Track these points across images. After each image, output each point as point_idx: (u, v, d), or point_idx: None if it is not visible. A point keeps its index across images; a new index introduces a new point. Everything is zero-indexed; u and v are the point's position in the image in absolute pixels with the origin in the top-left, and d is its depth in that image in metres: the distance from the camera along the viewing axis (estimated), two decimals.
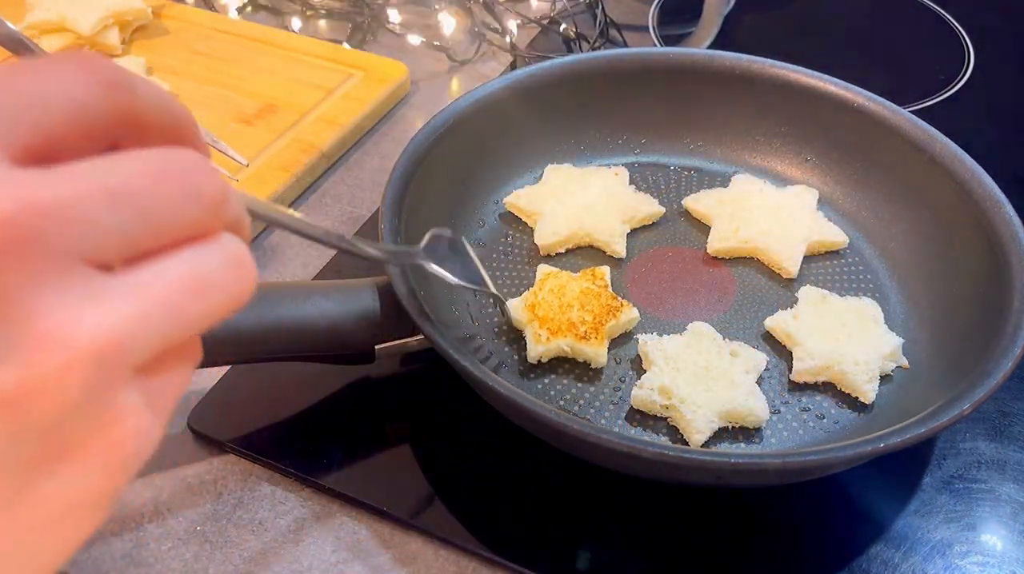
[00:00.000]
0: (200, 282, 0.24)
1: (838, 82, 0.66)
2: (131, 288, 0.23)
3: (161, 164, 0.24)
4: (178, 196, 0.24)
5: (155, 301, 0.23)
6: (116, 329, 0.22)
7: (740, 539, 0.51)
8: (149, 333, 0.23)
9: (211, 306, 0.25)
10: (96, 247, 0.22)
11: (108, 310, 0.22)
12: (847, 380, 0.54)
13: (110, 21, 0.80)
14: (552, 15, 0.92)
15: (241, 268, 0.26)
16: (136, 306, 0.23)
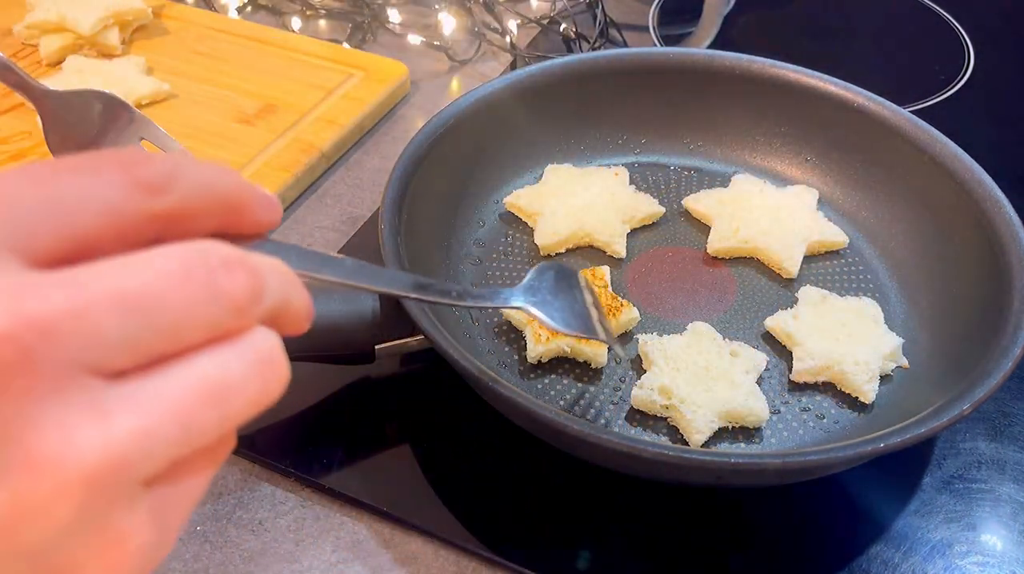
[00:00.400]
0: (219, 388, 0.23)
1: (838, 82, 0.66)
2: (137, 400, 0.21)
3: (184, 264, 0.22)
4: (200, 298, 0.22)
5: (164, 413, 0.22)
6: (115, 447, 0.21)
7: (740, 539, 0.51)
8: (157, 447, 0.22)
9: (231, 412, 0.23)
10: (101, 358, 0.21)
11: (108, 426, 0.21)
12: (847, 380, 0.54)
13: (110, 21, 0.80)
14: (552, 15, 0.92)
15: (270, 367, 0.24)
16: (141, 420, 0.21)
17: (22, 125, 0.73)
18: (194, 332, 0.23)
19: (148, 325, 0.22)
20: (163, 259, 0.22)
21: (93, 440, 0.20)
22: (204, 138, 0.73)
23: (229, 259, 0.23)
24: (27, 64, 0.79)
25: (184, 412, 0.22)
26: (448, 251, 0.62)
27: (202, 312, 0.22)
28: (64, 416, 0.20)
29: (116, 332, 0.21)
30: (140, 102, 0.75)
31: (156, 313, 0.22)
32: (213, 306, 0.23)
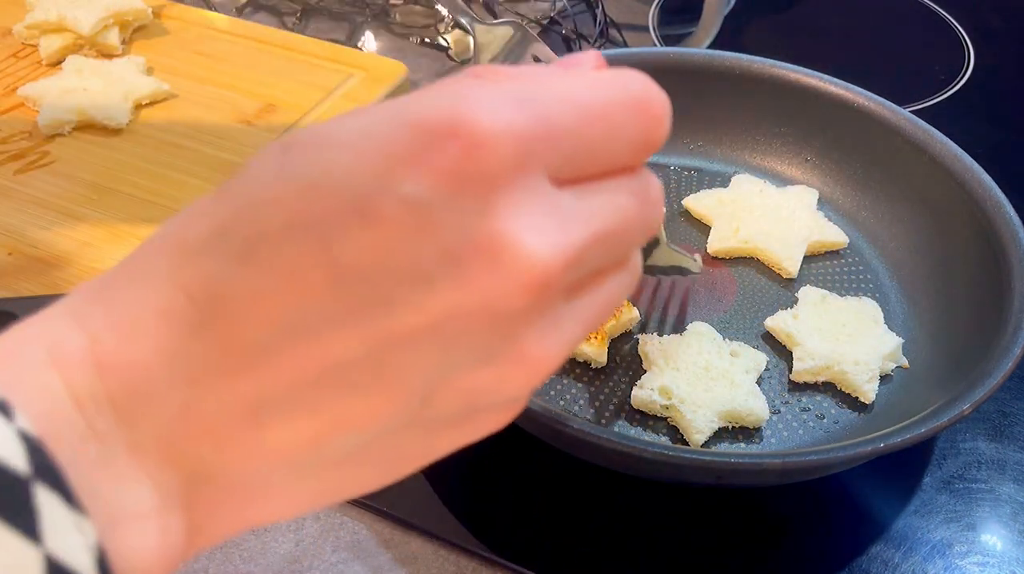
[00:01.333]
0: (637, 213, 0.26)
1: (838, 82, 0.66)
2: (584, 213, 0.24)
3: (635, 96, 0.26)
4: (635, 130, 0.26)
5: (589, 325, 0.26)
6: (563, 354, 0.25)
7: (740, 539, 0.51)
8: (591, 259, 0.25)
9: (636, 238, 0.27)
10: (562, 166, 0.24)
11: (565, 337, 0.25)
12: (847, 380, 0.54)
13: (110, 21, 0.80)
14: (552, 15, 0.92)
15: (658, 206, 0.27)
16: (581, 332, 0.25)
17: (22, 125, 0.73)
18: (622, 159, 0.26)
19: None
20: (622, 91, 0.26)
21: (554, 347, 0.24)
22: (204, 138, 0.73)
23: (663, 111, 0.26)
24: (27, 64, 0.79)
25: (615, 230, 0.25)
26: None
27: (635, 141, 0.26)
28: (545, 329, 0.24)
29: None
30: (140, 102, 0.75)
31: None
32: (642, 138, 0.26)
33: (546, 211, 0.23)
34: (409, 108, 0.23)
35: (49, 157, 0.70)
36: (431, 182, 0.22)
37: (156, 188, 0.68)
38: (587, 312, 0.26)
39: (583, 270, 0.25)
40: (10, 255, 0.61)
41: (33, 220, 0.64)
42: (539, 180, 0.23)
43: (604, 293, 0.26)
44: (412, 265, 0.22)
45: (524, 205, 0.23)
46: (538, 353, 0.24)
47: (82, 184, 0.67)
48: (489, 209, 0.22)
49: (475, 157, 0.22)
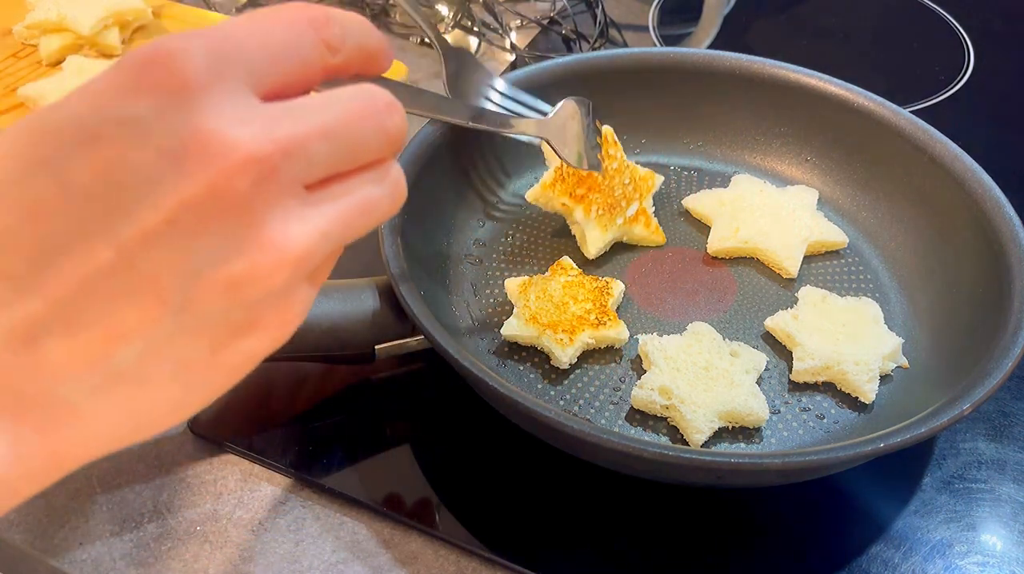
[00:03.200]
0: (371, 204, 0.30)
1: (838, 82, 0.66)
2: (326, 209, 0.29)
3: (361, 104, 0.30)
4: (371, 133, 0.30)
5: (339, 219, 0.29)
6: (313, 242, 0.28)
7: (740, 539, 0.51)
8: (330, 244, 0.29)
9: (371, 223, 0.31)
10: (310, 175, 0.28)
11: (310, 226, 0.28)
12: (847, 380, 0.54)
13: (110, 21, 0.80)
14: (552, 15, 0.92)
15: (398, 190, 0.32)
16: (327, 224, 0.29)
17: None
18: (364, 158, 0.30)
19: (341, 151, 0.29)
20: (349, 100, 0.30)
21: (299, 233, 0.28)
22: None
23: (390, 102, 0.31)
24: (27, 64, 0.79)
25: (351, 219, 0.30)
26: (448, 251, 0.62)
27: (373, 142, 0.30)
28: (288, 216, 0.28)
29: (323, 155, 0.28)
30: None
31: (345, 142, 0.29)
32: (380, 138, 0.30)
33: (248, 108, 0.27)
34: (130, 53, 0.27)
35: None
36: (138, 99, 0.26)
37: None
38: (334, 208, 0.29)
39: (311, 163, 0.28)
40: None
41: None
42: (238, 87, 0.27)
43: (351, 193, 0.30)
44: (137, 171, 0.26)
45: (226, 104, 0.26)
46: (281, 238, 0.27)
47: None
48: (195, 110, 0.26)
49: (172, 70, 0.26)
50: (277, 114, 0.28)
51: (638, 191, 0.63)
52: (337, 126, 0.29)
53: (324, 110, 0.29)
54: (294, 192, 0.28)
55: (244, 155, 0.26)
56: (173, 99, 0.26)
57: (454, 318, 0.58)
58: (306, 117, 0.28)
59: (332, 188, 0.29)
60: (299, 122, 0.28)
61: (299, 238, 0.28)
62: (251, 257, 0.27)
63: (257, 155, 0.26)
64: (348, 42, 0.31)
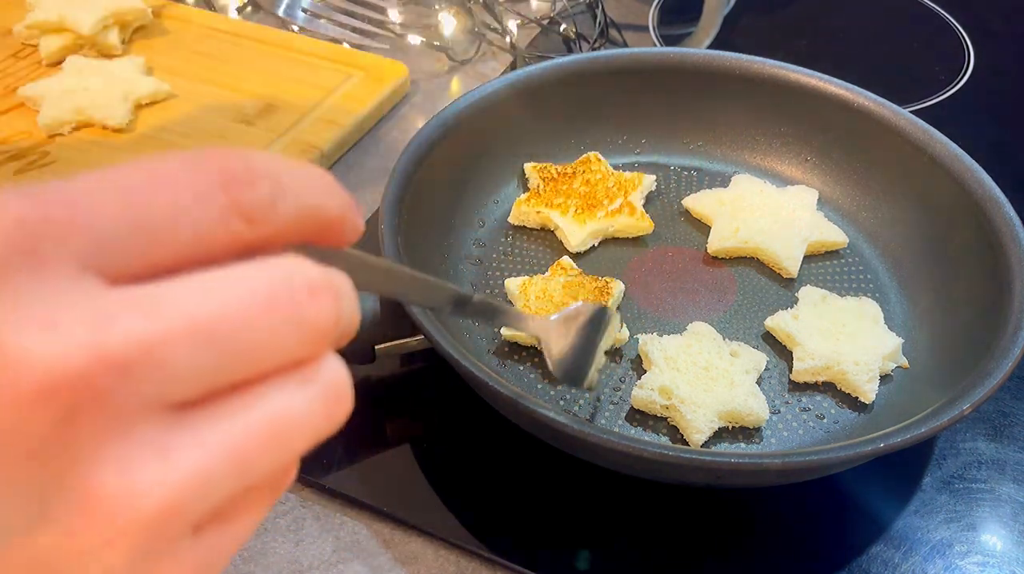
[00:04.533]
0: (284, 426, 0.21)
1: (838, 82, 0.66)
2: (199, 439, 0.20)
3: (269, 289, 0.20)
4: (281, 327, 0.20)
5: (227, 452, 0.20)
6: (177, 490, 0.19)
7: (740, 539, 0.51)
8: (214, 489, 0.20)
9: (291, 452, 0.21)
10: (171, 392, 0.19)
11: (172, 467, 0.19)
12: (847, 380, 0.54)
13: (110, 21, 0.80)
14: (552, 15, 0.92)
15: (336, 401, 0.22)
16: (205, 459, 0.20)
17: (22, 125, 0.73)
18: (269, 361, 0.21)
19: (224, 356, 0.20)
20: (246, 283, 0.20)
21: (152, 484, 0.19)
22: (204, 138, 0.73)
23: (315, 284, 0.21)
24: (27, 64, 0.79)
25: (248, 451, 0.20)
26: (448, 251, 0.62)
27: (281, 341, 0.21)
28: (126, 456, 0.19)
29: (191, 365, 0.19)
30: (140, 102, 0.75)
31: (234, 344, 0.20)
32: (294, 335, 0.21)
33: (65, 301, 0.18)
34: None
35: (49, 157, 0.70)
36: None
37: None
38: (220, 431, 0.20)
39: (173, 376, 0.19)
40: None
41: None
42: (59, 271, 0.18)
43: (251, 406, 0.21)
44: None
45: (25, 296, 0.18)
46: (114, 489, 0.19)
47: None
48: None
49: None
50: (118, 306, 0.19)
51: (622, 190, 0.64)
52: (219, 320, 0.19)
53: (203, 295, 0.20)
54: (141, 419, 0.19)
55: (39, 377, 0.17)
56: None
57: (454, 318, 0.58)
58: (168, 310, 0.19)
59: (222, 403, 0.20)
60: (151, 317, 0.19)
61: (150, 487, 0.19)
62: (65, 523, 0.18)
63: (61, 375, 0.17)
64: (283, 206, 0.21)
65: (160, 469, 0.19)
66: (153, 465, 0.19)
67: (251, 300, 0.20)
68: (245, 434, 0.20)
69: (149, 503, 0.19)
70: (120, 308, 0.19)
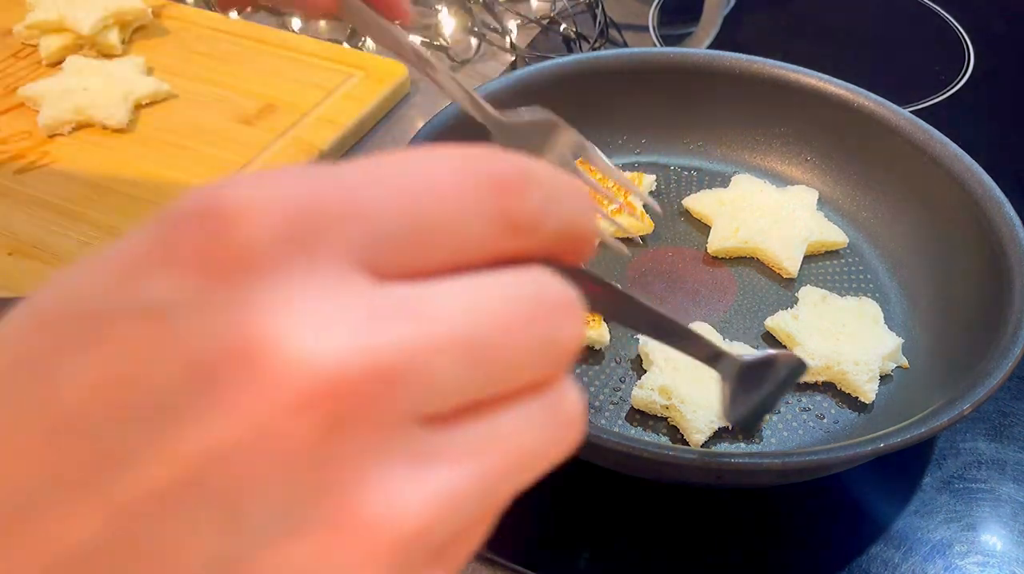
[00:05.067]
0: (530, 453, 0.20)
1: (838, 82, 0.66)
2: (455, 456, 0.18)
3: (526, 301, 0.19)
4: (536, 344, 0.19)
5: (478, 474, 0.19)
6: (434, 512, 0.18)
7: (740, 539, 0.51)
8: (462, 514, 0.19)
9: (527, 479, 0.20)
10: (428, 405, 0.18)
11: (430, 487, 0.18)
12: (847, 380, 0.54)
13: (110, 21, 0.80)
14: (552, 15, 0.92)
15: (572, 431, 0.21)
16: (457, 482, 0.18)
17: (22, 125, 0.73)
18: (519, 379, 0.19)
19: (481, 370, 0.19)
20: (507, 295, 0.19)
21: (411, 504, 0.17)
22: (204, 138, 0.73)
23: (566, 302, 0.20)
24: (27, 64, 0.79)
25: (495, 474, 0.19)
26: None
27: (534, 359, 0.19)
28: (386, 473, 0.17)
29: (452, 377, 0.18)
30: (140, 102, 0.75)
31: (493, 358, 0.19)
32: (545, 353, 0.20)
33: (340, 300, 0.17)
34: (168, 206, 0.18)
35: (49, 157, 0.70)
36: (172, 278, 0.17)
37: (156, 188, 0.68)
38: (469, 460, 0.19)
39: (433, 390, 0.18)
40: (10, 255, 0.61)
41: (33, 220, 0.64)
42: (333, 266, 0.17)
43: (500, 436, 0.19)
44: (150, 394, 0.16)
45: (300, 294, 0.17)
46: (375, 511, 0.17)
47: (82, 184, 0.67)
48: (247, 302, 0.16)
49: (223, 234, 0.17)
50: (388, 309, 0.18)
51: (622, 190, 0.64)
52: (482, 332, 0.18)
53: (468, 303, 0.18)
54: (402, 433, 0.18)
55: (312, 382, 0.16)
56: (219, 279, 0.17)
57: None
58: (438, 314, 0.18)
59: (471, 420, 0.19)
60: (421, 323, 0.18)
61: (411, 509, 0.17)
62: (322, 540, 0.17)
63: (330, 383, 0.16)
64: (549, 220, 0.20)
65: (418, 489, 0.18)
66: (411, 484, 0.18)
67: (512, 313, 0.19)
68: (496, 456, 0.19)
69: (408, 525, 0.17)
70: (390, 312, 0.18)
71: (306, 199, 0.17)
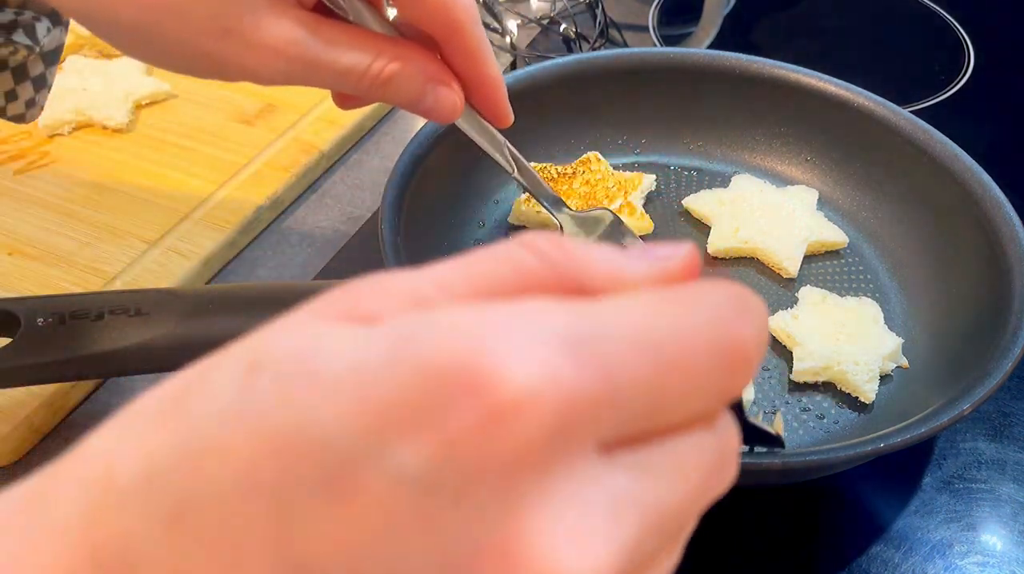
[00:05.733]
0: (703, 490, 0.19)
1: (838, 82, 0.66)
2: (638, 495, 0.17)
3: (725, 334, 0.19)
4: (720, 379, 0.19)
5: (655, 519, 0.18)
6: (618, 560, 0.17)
7: (740, 539, 0.51)
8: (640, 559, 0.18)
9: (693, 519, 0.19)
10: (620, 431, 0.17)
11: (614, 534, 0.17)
12: (847, 380, 0.54)
13: None
14: (552, 15, 0.92)
15: (732, 464, 0.20)
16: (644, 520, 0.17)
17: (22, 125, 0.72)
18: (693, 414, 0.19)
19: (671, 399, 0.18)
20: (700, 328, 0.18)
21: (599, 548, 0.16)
22: (204, 138, 0.73)
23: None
24: None
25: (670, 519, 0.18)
26: (448, 251, 0.62)
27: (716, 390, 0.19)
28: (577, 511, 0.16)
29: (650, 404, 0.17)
30: (140, 102, 0.75)
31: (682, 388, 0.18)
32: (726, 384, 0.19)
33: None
34: (419, 344, 0.17)
35: (49, 157, 0.70)
36: (433, 455, 0.16)
37: (156, 188, 0.68)
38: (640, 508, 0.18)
39: None
40: (10, 255, 0.61)
41: (33, 220, 0.64)
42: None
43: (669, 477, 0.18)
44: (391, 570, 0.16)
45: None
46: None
47: (82, 184, 0.67)
48: (512, 503, 0.16)
49: (498, 425, 0.16)
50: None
51: (622, 190, 0.64)
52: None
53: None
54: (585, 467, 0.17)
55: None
56: (485, 472, 0.16)
57: None
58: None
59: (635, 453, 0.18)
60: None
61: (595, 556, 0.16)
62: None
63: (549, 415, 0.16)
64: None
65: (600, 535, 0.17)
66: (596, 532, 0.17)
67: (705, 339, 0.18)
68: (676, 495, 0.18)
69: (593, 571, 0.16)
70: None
71: (576, 390, 0.16)
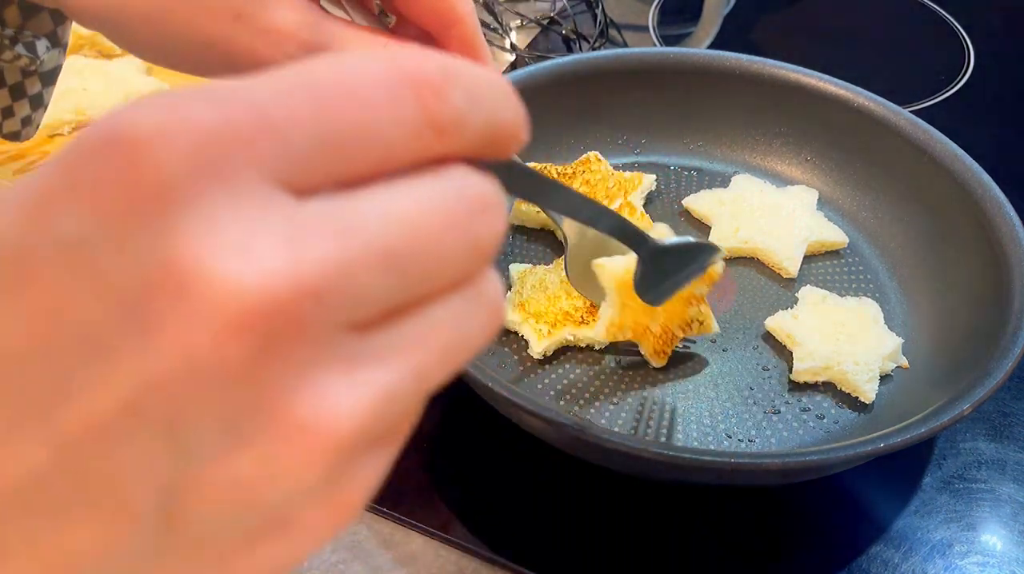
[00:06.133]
0: (456, 342, 0.21)
1: (838, 82, 0.66)
2: (385, 357, 0.19)
3: (447, 205, 0.20)
4: (459, 246, 0.20)
5: (409, 370, 0.20)
6: (367, 410, 0.19)
7: (740, 539, 0.51)
8: (397, 407, 0.20)
9: (456, 367, 0.21)
10: (359, 314, 0.19)
11: (361, 390, 0.19)
12: (847, 380, 0.54)
13: None
14: (552, 15, 0.92)
15: (495, 315, 0.22)
16: (390, 380, 0.19)
17: None
18: (444, 280, 0.20)
19: (408, 277, 0.19)
20: (428, 200, 0.19)
21: (345, 406, 0.18)
22: None
23: (487, 200, 0.20)
24: None
25: (426, 368, 0.20)
26: None
27: (457, 260, 0.20)
28: (320, 381, 0.18)
29: (379, 287, 0.19)
30: None
31: (418, 264, 0.19)
32: (469, 253, 0.20)
33: (261, 220, 0.17)
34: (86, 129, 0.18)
35: (49, 157, 0.70)
36: (87, 211, 0.17)
37: None
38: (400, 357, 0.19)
39: (359, 300, 0.18)
40: None
41: None
42: (252, 187, 0.17)
43: (427, 331, 0.20)
44: (81, 330, 0.17)
45: (222, 218, 0.17)
46: (314, 415, 0.18)
47: None
48: (168, 231, 0.17)
49: (135, 167, 0.17)
50: (309, 227, 0.18)
51: (622, 190, 0.64)
52: (405, 241, 0.19)
53: (389, 213, 0.19)
54: (332, 343, 0.18)
55: (240, 304, 0.17)
56: (136, 213, 0.17)
57: None
58: (358, 227, 0.18)
59: (397, 326, 0.20)
60: (344, 238, 0.18)
61: (345, 410, 0.18)
62: (264, 448, 0.18)
63: (260, 305, 0.17)
64: (473, 120, 0.20)
65: (351, 391, 0.18)
66: (346, 388, 0.18)
67: (434, 219, 0.19)
68: (423, 351, 0.20)
69: (344, 423, 0.18)
70: (312, 229, 0.18)
71: (215, 122, 0.17)
